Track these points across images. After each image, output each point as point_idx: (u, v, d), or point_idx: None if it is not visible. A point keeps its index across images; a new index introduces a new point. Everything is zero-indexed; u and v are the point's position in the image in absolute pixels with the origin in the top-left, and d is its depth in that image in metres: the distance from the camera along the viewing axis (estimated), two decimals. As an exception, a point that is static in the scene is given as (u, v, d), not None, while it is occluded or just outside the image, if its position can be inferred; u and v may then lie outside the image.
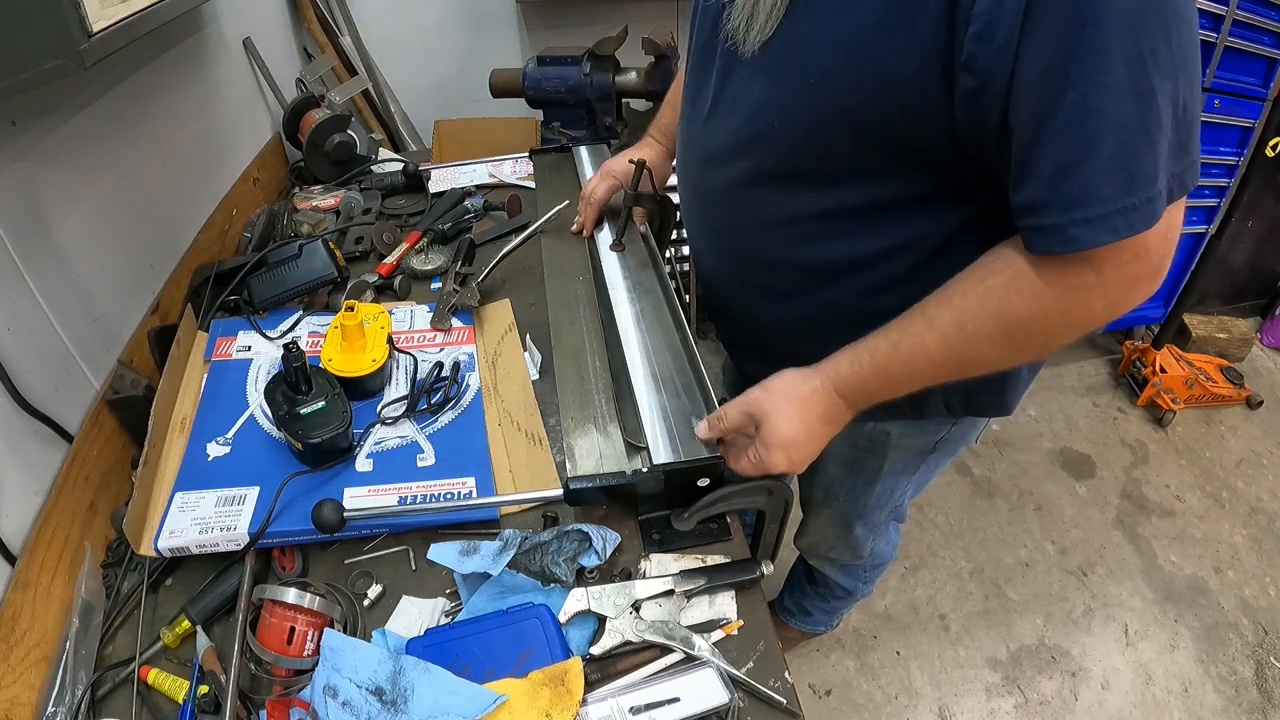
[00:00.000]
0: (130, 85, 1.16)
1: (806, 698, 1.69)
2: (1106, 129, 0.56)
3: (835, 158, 0.72)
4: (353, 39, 2.17)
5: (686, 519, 0.82)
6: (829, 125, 0.70)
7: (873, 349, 0.72)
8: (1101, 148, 0.56)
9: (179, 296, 1.23)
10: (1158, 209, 0.58)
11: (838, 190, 0.75)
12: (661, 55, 1.58)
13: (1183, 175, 0.59)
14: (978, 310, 0.66)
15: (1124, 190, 0.57)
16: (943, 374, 0.71)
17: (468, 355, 1.10)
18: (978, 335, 0.67)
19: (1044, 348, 0.69)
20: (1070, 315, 0.64)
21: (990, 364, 0.70)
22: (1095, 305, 0.63)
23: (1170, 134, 0.57)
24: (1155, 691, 1.69)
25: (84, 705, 0.74)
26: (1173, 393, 2.38)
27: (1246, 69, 2.04)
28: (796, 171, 0.76)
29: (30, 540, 0.82)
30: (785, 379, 0.78)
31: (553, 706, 0.67)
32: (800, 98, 0.70)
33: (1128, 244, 0.59)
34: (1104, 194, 0.57)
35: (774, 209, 0.80)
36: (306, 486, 0.88)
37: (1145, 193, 0.57)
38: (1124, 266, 0.61)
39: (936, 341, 0.68)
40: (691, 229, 0.99)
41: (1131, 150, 0.56)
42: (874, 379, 0.73)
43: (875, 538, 1.25)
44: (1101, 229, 0.58)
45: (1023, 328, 0.65)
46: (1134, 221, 0.57)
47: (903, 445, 1.00)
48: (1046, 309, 0.64)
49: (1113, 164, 0.56)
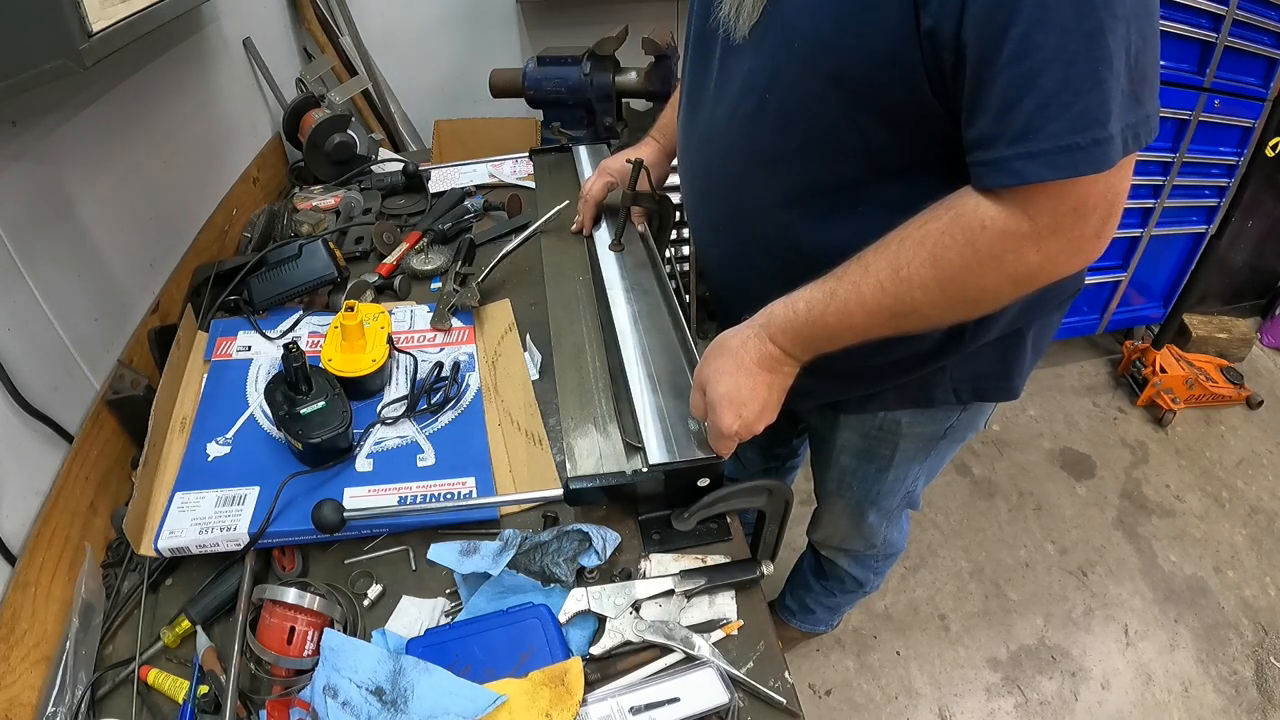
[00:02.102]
0: (130, 85, 1.16)
1: (806, 698, 1.69)
2: (1050, 64, 0.55)
3: (828, 128, 0.73)
4: (353, 39, 2.17)
5: (686, 519, 0.82)
6: (817, 89, 0.71)
7: (809, 295, 0.72)
8: (1044, 82, 0.56)
9: (179, 296, 1.24)
10: (1109, 154, 0.56)
11: (833, 165, 0.75)
12: (661, 55, 1.58)
13: (1137, 128, 0.58)
14: (913, 255, 0.65)
15: (1069, 128, 0.56)
16: (877, 323, 0.70)
17: (468, 355, 1.10)
18: (911, 282, 0.66)
19: (978, 301, 0.67)
20: (1004, 263, 0.63)
21: (923, 316, 0.69)
22: (1029, 255, 0.62)
23: (1123, 80, 0.56)
24: (1155, 691, 1.69)
25: (84, 705, 0.74)
26: (1173, 393, 2.38)
27: (1246, 69, 2.04)
28: (792, 148, 0.77)
29: (30, 540, 0.82)
30: (717, 339, 0.79)
31: (553, 706, 0.67)
32: (790, 68, 0.72)
33: (1066, 194, 0.58)
34: (1047, 129, 0.56)
35: (772, 191, 0.81)
36: (306, 486, 0.88)
37: (1093, 133, 0.56)
38: (1060, 218, 0.59)
39: (871, 287, 0.68)
40: (694, 222, 0.99)
41: (1075, 86, 0.55)
42: (808, 325, 0.73)
43: (889, 525, 1.25)
44: (1043, 164, 0.57)
45: (956, 275, 0.64)
46: (1079, 161, 0.56)
47: (913, 433, 1.00)
48: (979, 254, 0.63)
49: (1056, 99, 0.56)
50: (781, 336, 0.75)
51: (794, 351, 0.76)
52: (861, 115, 0.70)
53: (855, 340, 0.72)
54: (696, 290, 1.11)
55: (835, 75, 0.69)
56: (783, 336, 0.75)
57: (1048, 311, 0.89)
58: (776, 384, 0.78)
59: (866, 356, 0.77)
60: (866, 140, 0.72)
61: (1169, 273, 2.46)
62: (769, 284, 0.88)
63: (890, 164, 0.73)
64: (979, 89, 0.60)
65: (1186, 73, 2.01)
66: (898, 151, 0.72)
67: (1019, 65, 0.56)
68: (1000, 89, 0.58)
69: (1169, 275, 2.47)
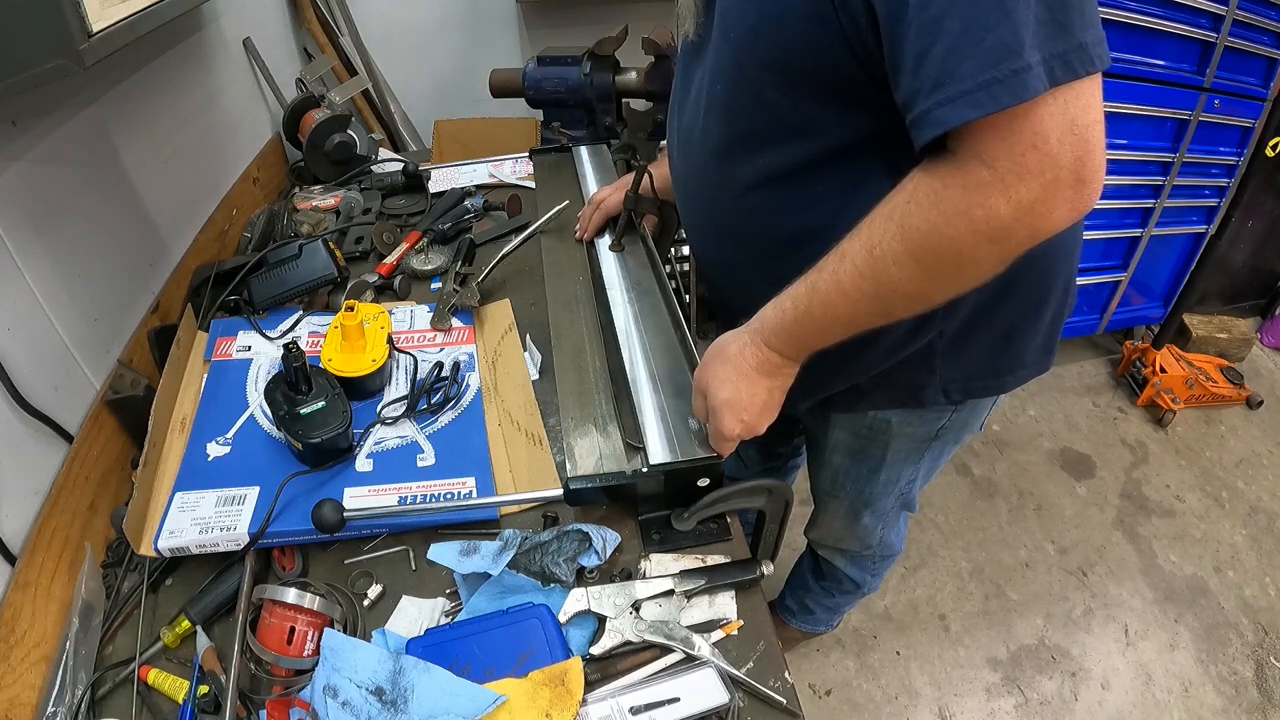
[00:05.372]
0: (130, 85, 1.16)
1: (806, 698, 1.69)
2: (953, 6, 0.55)
3: (771, 114, 0.74)
4: (353, 39, 2.17)
5: (686, 519, 0.82)
6: (754, 76, 0.73)
7: (794, 293, 0.72)
8: (949, 25, 0.55)
9: (179, 296, 1.24)
10: (1028, 83, 0.54)
11: (784, 150, 0.76)
12: (661, 55, 1.57)
13: (1067, 56, 0.56)
14: (884, 231, 0.64)
15: (982, 65, 0.55)
16: (861, 311, 0.69)
17: (468, 355, 1.10)
18: (885, 259, 0.64)
19: (957, 268, 0.63)
20: (973, 219, 0.59)
21: (906, 294, 0.67)
22: (998, 204, 0.58)
23: (1036, 8, 0.55)
24: (1155, 691, 1.69)
25: (84, 705, 0.74)
26: (1173, 393, 2.38)
27: (1246, 69, 2.04)
28: (745, 135, 0.79)
29: (30, 540, 0.82)
30: (715, 344, 0.80)
31: (553, 706, 0.67)
32: (729, 59, 0.76)
33: (1015, 131, 0.56)
34: (960, 70, 0.56)
35: (735, 180, 0.82)
36: (306, 486, 0.88)
37: (1009, 64, 0.54)
38: (1019, 159, 0.57)
39: (849, 274, 0.67)
40: (685, 222, 1.00)
41: (981, 23, 0.55)
42: (797, 324, 0.72)
43: (884, 526, 1.25)
44: (964, 105, 0.56)
45: (928, 243, 0.62)
46: (999, 95, 0.55)
47: (904, 433, 1.00)
48: (946, 214, 0.60)
49: (964, 40, 0.55)
50: (775, 339, 0.75)
51: (789, 352, 0.76)
52: (799, 97, 0.71)
53: (846, 333, 0.72)
54: (696, 290, 1.11)
55: (767, 61, 0.71)
56: (776, 339, 0.75)
57: (1033, 305, 0.87)
58: (776, 387, 0.78)
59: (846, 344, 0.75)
60: (809, 122, 0.73)
61: (1169, 273, 2.47)
62: (749, 274, 0.88)
63: (837, 143, 0.73)
64: (894, 48, 0.60)
65: (1186, 73, 2.01)
66: (841, 130, 0.72)
67: (924, 13, 0.56)
68: (912, 42, 0.58)
69: (1169, 275, 2.47)
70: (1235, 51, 1.97)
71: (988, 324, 0.85)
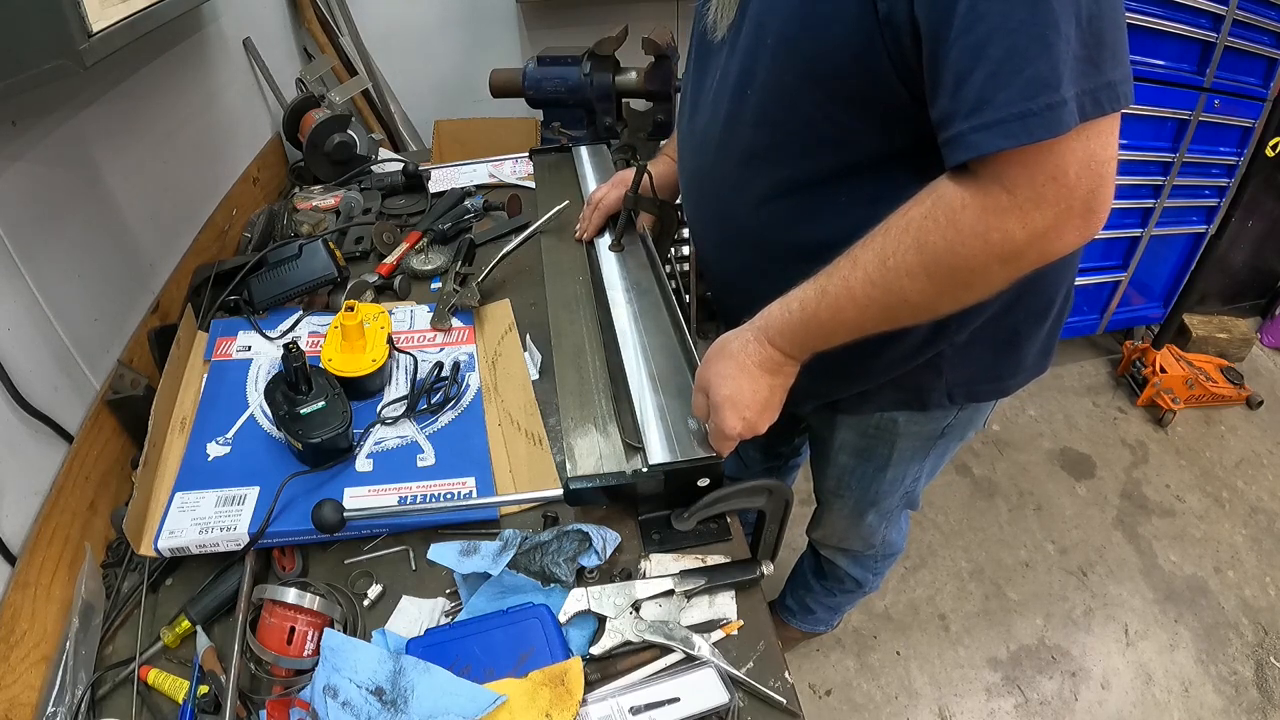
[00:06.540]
0: (130, 85, 1.16)
1: (806, 698, 1.69)
2: (995, 33, 0.56)
3: (803, 123, 0.74)
4: (353, 39, 2.17)
5: (686, 519, 0.82)
6: (791, 84, 0.72)
7: (802, 295, 0.73)
8: (991, 52, 0.56)
9: (179, 296, 1.24)
10: (1062, 118, 0.56)
11: (811, 160, 0.76)
12: (661, 55, 1.57)
13: (1097, 93, 0.57)
14: (899, 244, 0.65)
15: (1020, 95, 0.56)
16: (869, 317, 0.70)
17: (468, 355, 1.10)
18: (899, 270, 0.65)
19: (967, 284, 0.65)
20: (989, 240, 0.61)
21: (914, 305, 0.68)
22: (1013, 229, 0.60)
23: (1075, 45, 0.56)
24: (1155, 691, 1.69)
25: (84, 705, 0.74)
26: (1173, 393, 2.38)
27: (1246, 69, 2.04)
28: (770, 144, 0.78)
29: (30, 540, 0.82)
30: (717, 342, 0.80)
31: (553, 706, 0.67)
32: (764, 65, 0.74)
33: (1039, 162, 0.58)
34: (998, 99, 0.56)
35: (755, 187, 0.82)
36: (306, 486, 0.88)
37: (1045, 99, 0.55)
38: (1039, 189, 0.59)
39: (861, 281, 0.68)
40: (692, 223, 1.00)
41: (1022, 53, 0.55)
42: (803, 325, 0.73)
43: (888, 525, 1.26)
44: (998, 134, 0.57)
45: (942, 258, 0.63)
46: (1033, 128, 0.56)
47: (910, 432, 1.01)
48: (962, 233, 0.62)
49: (1005, 68, 0.56)
50: (779, 338, 0.75)
51: (792, 352, 0.76)
52: (834, 108, 0.71)
53: (850, 337, 0.72)
54: (696, 290, 1.11)
55: (805, 70, 0.70)
56: (780, 338, 0.75)
57: (1037, 313, 0.89)
58: (778, 385, 0.78)
59: (857, 352, 0.77)
60: (841, 133, 0.73)
61: (1169, 273, 2.47)
62: (760, 280, 0.88)
63: (867, 156, 0.73)
64: (935, 67, 0.60)
65: (1186, 73, 2.01)
66: (873, 143, 0.72)
67: (967, 38, 0.57)
68: (952, 64, 0.58)
69: (1169, 275, 2.47)
70: (1235, 51, 1.97)
71: (994, 331, 0.86)
